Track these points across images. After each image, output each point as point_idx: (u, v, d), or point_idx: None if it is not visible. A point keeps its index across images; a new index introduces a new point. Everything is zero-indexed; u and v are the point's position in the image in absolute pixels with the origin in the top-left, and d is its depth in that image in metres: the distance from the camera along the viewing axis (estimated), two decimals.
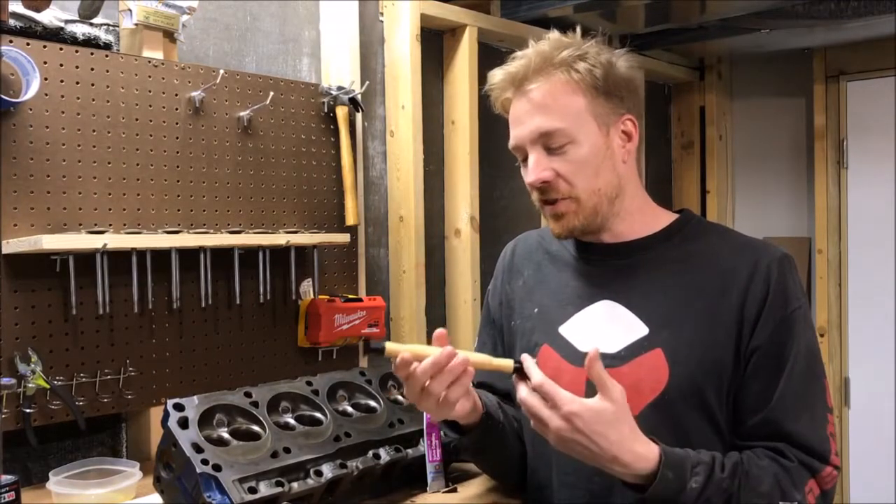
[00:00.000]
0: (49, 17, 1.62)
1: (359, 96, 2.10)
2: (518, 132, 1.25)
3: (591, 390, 1.22)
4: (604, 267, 1.30)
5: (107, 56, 1.66)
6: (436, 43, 2.53)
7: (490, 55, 2.63)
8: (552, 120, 1.21)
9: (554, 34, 1.27)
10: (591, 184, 1.23)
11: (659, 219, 1.32)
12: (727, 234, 1.32)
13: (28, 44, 1.53)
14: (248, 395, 1.40)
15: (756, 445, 1.17)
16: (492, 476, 1.51)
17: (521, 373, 1.14)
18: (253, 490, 1.23)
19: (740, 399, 1.19)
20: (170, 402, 1.29)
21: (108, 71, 1.65)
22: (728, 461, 1.13)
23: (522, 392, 1.11)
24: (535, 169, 1.22)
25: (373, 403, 1.55)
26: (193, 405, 1.31)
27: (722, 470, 1.11)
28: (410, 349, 1.14)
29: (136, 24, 1.70)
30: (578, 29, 1.28)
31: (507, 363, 1.16)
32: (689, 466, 1.10)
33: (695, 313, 1.20)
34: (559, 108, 1.21)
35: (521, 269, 1.43)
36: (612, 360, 1.21)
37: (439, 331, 1.17)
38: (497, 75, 1.28)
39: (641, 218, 1.30)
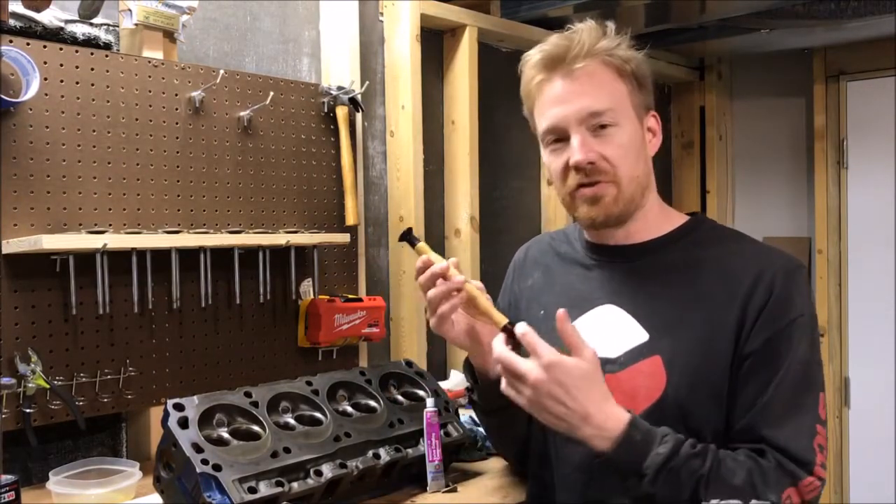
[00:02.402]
0: (49, 17, 1.62)
1: (359, 96, 2.10)
2: (561, 111, 1.21)
3: None
4: (610, 270, 1.29)
5: (107, 56, 1.66)
6: (436, 43, 2.53)
7: (490, 55, 2.63)
8: (602, 101, 1.20)
9: (590, 23, 1.25)
10: (632, 169, 1.22)
11: (670, 220, 1.30)
12: (740, 240, 1.29)
13: (28, 44, 1.53)
14: (248, 395, 1.40)
15: (739, 448, 1.15)
16: (494, 445, 1.53)
17: (508, 332, 1.14)
18: (253, 490, 1.23)
19: (731, 405, 1.17)
20: (170, 402, 1.29)
21: (108, 71, 1.65)
22: (701, 445, 1.11)
23: (499, 347, 1.12)
24: (581, 149, 1.19)
25: (373, 403, 1.55)
26: (193, 405, 1.31)
27: (693, 447, 1.09)
28: (432, 256, 1.24)
29: (136, 24, 1.70)
30: (611, 23, 1.26)
31: (501, 318, 1.17)
32: (658, 434, 1.09)
33: (697, 321, 1.19)
34: (607, 90, 1.21)
35: (532, 270, 1.43)
36: (611, 366, 1.21)
37: (454, 260, 1.24)
38: (535, 55, 1.24)
39: (655, 218, 1.29)
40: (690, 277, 1.23)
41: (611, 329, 1.24)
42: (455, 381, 2.27)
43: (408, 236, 1.29)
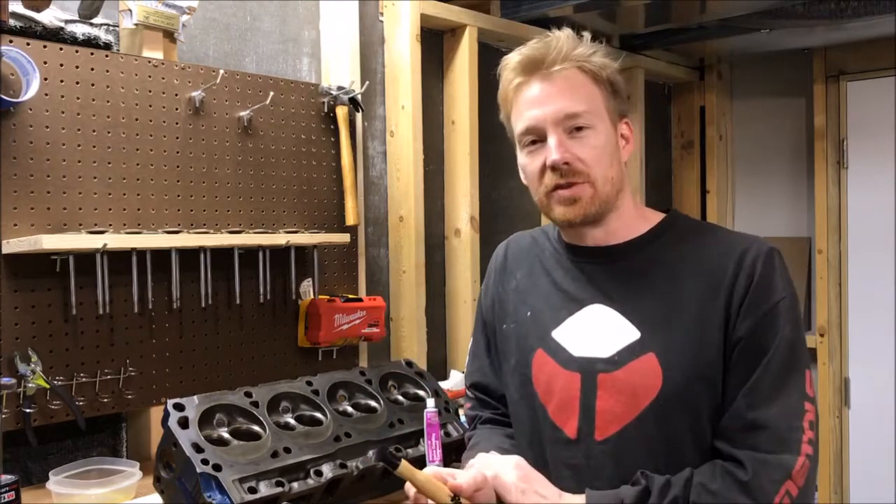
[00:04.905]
0: (49, 17, 1.62)
1: (359, 96, 2.10)
2: (538, 113, 1.24)
3: (585, 393, 1.22)
4: (594, 270, 1.30)
5: (107, 56, 1.66)
6: (436, 43, 2.53)
7: (490, 55, 2.63)
8: (578, 103, 1.23)
9: (567, 31, 1.28)
10: (607, 171, 1.25)
11: (647, 220, 1.32)
12: (716, 231, 1.32)
13: (28, 44, 1.53)
14: (248, 395, 1.40)
15: (724, 449, 1.16)
16: None
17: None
18: (253, 490, 1.23)
19: (724, 390, 1.19)
20: (170, 402, 1.29)
21: (108, 71, 1.65)
22: (674, 488, 1.12)
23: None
24: (558, 149, 1.22)
25: (373, 403, 1.55)
26: (193, 405, 1.31)
27: (662, 494, 1.11)
28: (423, 481, 1.14)
29: (136, 24, 1.70)
30: (587, 33, 1.29)
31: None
32: (622, 494, 1.13)
33: (686, 315, 1.21)
34: (583, 94, 1.24)
35: (514, 270, 1.43)
36: (606, 365, 1.22)
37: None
38: (514, 58, 1.27)
39: (631, 218, 1.31)
40: (673, 273, 1.25)
41: (602, 329, 1.25)
42: (455, 381, 2.27)
43: (385, 456, 1.10)
